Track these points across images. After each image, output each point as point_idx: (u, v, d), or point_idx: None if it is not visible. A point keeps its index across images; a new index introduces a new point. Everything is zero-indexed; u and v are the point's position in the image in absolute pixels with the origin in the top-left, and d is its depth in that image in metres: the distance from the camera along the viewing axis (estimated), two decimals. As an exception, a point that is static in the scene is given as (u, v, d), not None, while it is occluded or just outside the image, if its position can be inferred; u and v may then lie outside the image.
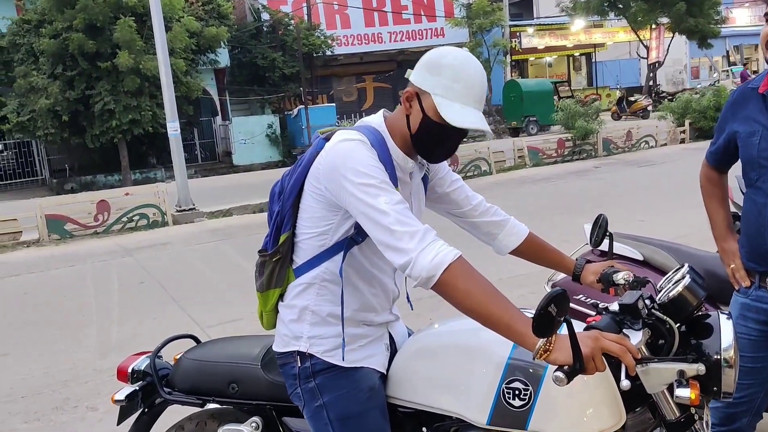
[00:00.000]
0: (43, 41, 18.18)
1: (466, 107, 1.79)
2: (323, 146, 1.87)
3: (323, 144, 1.88)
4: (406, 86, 1.89)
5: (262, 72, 24.91)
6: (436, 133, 1.84)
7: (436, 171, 2.14)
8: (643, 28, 29.70)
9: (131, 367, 2.41)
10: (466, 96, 1.80)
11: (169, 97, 12.54)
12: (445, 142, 1.87)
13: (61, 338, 5.96)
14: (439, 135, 1.85)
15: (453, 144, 1.90)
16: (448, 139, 1.86)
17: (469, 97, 1.80)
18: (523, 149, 16.46)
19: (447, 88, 1.79)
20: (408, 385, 1.99)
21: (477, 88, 1.82)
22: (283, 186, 1.97)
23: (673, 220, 8.32)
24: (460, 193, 2.20)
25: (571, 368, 1.47)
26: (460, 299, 1.64)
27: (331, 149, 1.82)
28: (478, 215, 2.22)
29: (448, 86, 1.79)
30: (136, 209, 12.00)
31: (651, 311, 1.73)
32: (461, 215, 2.23)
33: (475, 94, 1.81)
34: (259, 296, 2.06)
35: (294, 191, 1.92)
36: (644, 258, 3.36)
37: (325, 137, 1.91)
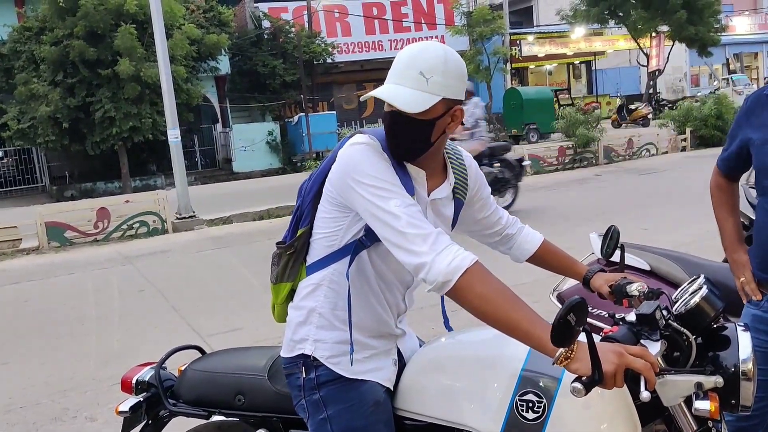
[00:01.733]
0: (44, 48, 18.20)
1: (387, 83, 1.77)
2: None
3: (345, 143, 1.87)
4: None
5: (263, 79, 24.93)
6: (384, 124, 1.82)
7: (480, 195, 2.13)
8: (643, 36, 29.75)
9: (135, 378, 2.37)
10: (390, 76, 1.78)
11: (169, 104, 12.52)
12: (387, 131, 1.81)
13: (60, 347, 5.92)
14: (386, 126, 1.82)
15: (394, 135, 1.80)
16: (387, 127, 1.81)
17: (390, 74, 1.78)
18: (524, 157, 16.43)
19: (389, 76, 1.79)
20: (417, 397, 1.95)
21: (399, 65, 1.77)
22: (309, 182, 1.98)
23: (676, 229, 8.29)
24: (495, 215, 2.21)
25: (589, 379, 1.43)
26: (478, 304, 1.60)
27: (342, 154, 1.81)
28: (502, 230, 2.23)
29: (391, 74, 1.79)
30: (136, 217, 11.95)
31: (668, 322, 1.70)
32: (491, 235, 2.23)
33: (394, 70, 1.77)
34: (272, 288, 2.05)
35: (314, 188, 1.92)
36: (651, 268, 3.33)
37: (349, 136, 1.90)
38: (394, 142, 1.81)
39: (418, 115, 1.74)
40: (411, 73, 1.73)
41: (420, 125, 1.78)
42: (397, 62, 1.77)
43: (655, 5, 27.43)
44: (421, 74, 1.73)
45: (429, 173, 1.91)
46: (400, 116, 1.76)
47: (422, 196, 1.90)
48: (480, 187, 2.12)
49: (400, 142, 1.81)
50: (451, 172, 1.99)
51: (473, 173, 2.09)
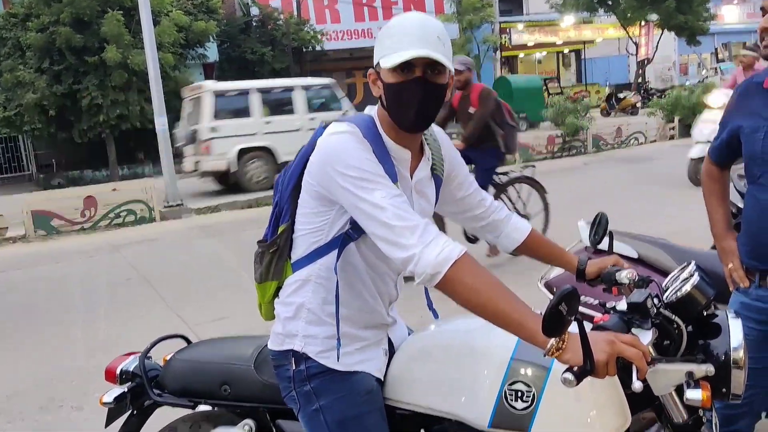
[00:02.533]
0: (30, 35, 17.97)
1: (406, 51, 1.68)
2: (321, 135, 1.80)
3: (321, 133, 1.81)
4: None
5: (252, 67, 24.75)
6: (397, 94, 1.74)
7: (456, 174, 2.07)
8: (632, 25, 29.74)
9: (119, 368, 2.34)
10: (403, 42, 1.69)
11: (157, 92, 12.43)
12: (410, 101, 1.73)
13: (46, 337, 5.87)
14: (401, 95, 1.74)
15: (424, 103, 1.74)
16: (412, 97, 1.73)
17: (404, 42, 1.69)
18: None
19: (385, 48, 1.73)
20: (407, 386, 1.93)
21: (413, 30, 1.70)
22: (284, 176, 1.93)
23: (664, 217, 8.30)
24: (476, 196, 2.14)
25: (581, 369, 1.41)
26: (468, 296, 1.58)
27: (321, 144, 1.75)
28: (488, 216, 2.17)
29: (386, 46, 1.73)
30: (124, 205, 11.87)
31: (659, 311, 1.68)
32: (473, 218, 2.17)
33: (411, 37, 1.69)
34: (258, 287, 2.01)
35: (291, 182, 1.87)
36: (639, 255, 3.33)
37: (325, 125, 1.84)
38: (419, 111, 1.75)
39: (439, 79, 1.74)
40: (431, 38, 1.70)
41: (441, 91, 1.77)
42: (409, 29, 1.71)
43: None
44: (438, 39, 1.71)
45: (412, 153, 1.87)
46: (426, 82, 1.72)
47: (406, 179, 1.86)
48: (456, 164, 2.07)
49: (425, 110, 1.76)
50: (428, 149, 1.95)
51: (447, 148, 2.04)
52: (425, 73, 1.72)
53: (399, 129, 1.80)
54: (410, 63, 1.70)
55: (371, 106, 1.90)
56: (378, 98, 1.83)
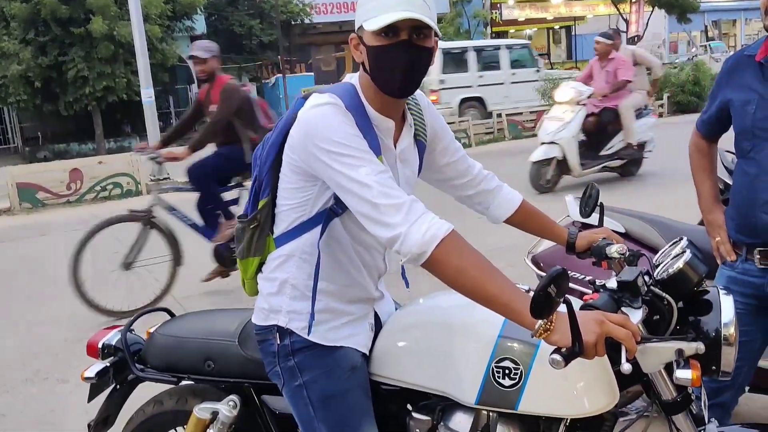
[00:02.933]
0: (14, 6, 17.72)
1: (391, 13, 1.61)
2: (301, 107, 1.74)
3: (301, 105, 1.74)
4: None
5: (239, 40, 24.56)
6: (382, 58, 1.67)
7: (439, 139, 2.01)
8: (623, 2, 29.62)
9: (101, 342, 2.28)
10: (387, 4, 1.61)
11: (143, 64, 12.31)
12: (396, 65, 1.66)
13: (31, 310, 5.84)
14: (385, 59, 1.67)
15: (411, 67, 1.68)
16: (397, 61, 1.66)
17: (390, 4, 1.61)
18: (502, 122, 16.37)
19: (370, 10, 1.64)
20: (393, 362, 1.91)
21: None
22: (262, 150, 1.87)
23: (652, 193, 8.31)
24: (462, 164, 2.07)
25: (569, 351, 1.39)
26: (455, 277, 1.55)
27: (302, 117, 1.69)
28: (476, 185, 2.10)
29: (370, 8, 1.64)
30: (110, 178, 11.77)
31: (649, 288, 1.66)
32: (460, 187, 2.10)
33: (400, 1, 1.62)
34: (240, 263, 1.97)
35: (271, 156, 1.81)
36: (626, 230, 3.31)
37: (304, 97, 1.78)
38: (404, 75, 1.68)
39: (425, 42, 1.67)
40: (417, 1, 1.63)
41: (428, 54, 1.70)
42: None
43: (636, -30, 27.30)
44: (424, 2, 1.64)
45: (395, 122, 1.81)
46: (412, 46, 1.66)
47: (390, 148, 1.81)
48: (438, 128, 2.00)
49: (411, 74, 1.70)
50: (409, 115, 1.89)
51: (429, 113, 1.97)
52: (411, 37, 1.65)
53: (384, 95, 1.74)
54: (395, 26, 1.63)
55: (351, 74, 1.84)
56: (360, 64, 1.76)
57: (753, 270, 2.36)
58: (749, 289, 2.37)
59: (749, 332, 2.36)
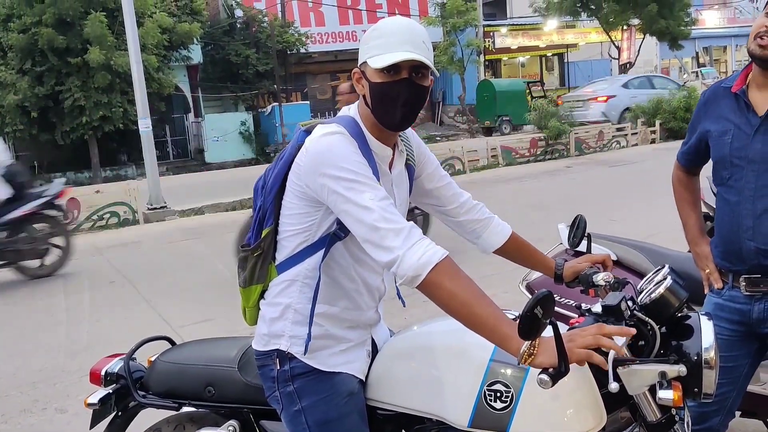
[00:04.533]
0: (12, 36, 17.86)
1: (395, 53, 1.75)
2: (304, 140, 1.83)
3: (304, 137, 1.84)
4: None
5: (236, 69, 24.72)
6: (383, 93, 1.80)
7: (425, 166, 2.12)
8: (614, 29, 29.93)
9: (104, 370, 2.35)
10: (391, 44, 1.76)
11: (140, 93, 12.37)
12: (396, 100, 1.79)
13: (30, 338, 5.85)
14: (387, 95, 1.80)
15: (409, 103, 1.81)
16: (398, 97, 1.79)
17: (393, 44, 1.76)
18: (496, 148, 16.52)
19: (374, 48, 1.79)
20: (388, 387, 1.97)
21: (402, 34, 1.77)
22: (265, 180, 1.95)
23: (645, 220, 8.40)
24: (448, 190, 2.17)
25: (555, 371, 1.46)
26: (446, 300, 1.63)
27: (311, 146, 1.79)
28: (464, 213, 2.19)
29: (374, 46, 1.79)
30: (107, 207, 11.79)
31: (633, 313, 1.73)
32: (448, 213, 2.20)
33: (399, 39, 1.76)
34: (242, 291, 2.02)
35: (275, 186, 1.89)
36: (618, 258, 3.38)
37: (305, 130, 1.88)
38: (404, 110, 1.82)
39: (423, 81, 1.82)
40: (418, 41, 1.77)
41: (425, 92, 1.84)
42: (398, 32, 1.77)
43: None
44: (424, 43, 1.79)
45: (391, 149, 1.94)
46: (412, 84, 1.79)
47: (386, 174, 1.92)
48: (423, 155, 2.11)
49: (410, 109, 1.83)
50: (400, 142, 2.00)
51: (415, 141, 2.10)
52: (411, 75, 1.79)
53: (383, 127, 1.86)
54: (397, 65, 1.76)
55: (347, 107, 1.95)
56: (362, 97, 1.87)
57: (739, 297, 2.41)
58: (736, 316, 2.42)
59: (737, 357, 2.42)
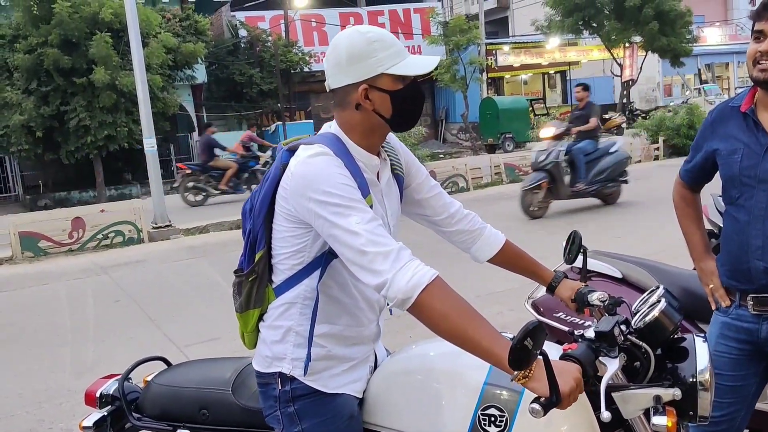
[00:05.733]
0: (18, 56, 17.99)
1: (414, 59, 1.84)
2: (288, 159, 1.82)
3: (288, 157, 1.83)
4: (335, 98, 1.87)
5: (240, 88, 24.88)
6: (408, 98, 1.85)
7: (414, 176, 2.11)
8: (616, 47, 30.09)
9: (99, 391, 2.35)
10: (401, 51, 1.83)
11: (145, 113, 12.44)
12: (416, 104, 1.89)
13: (34, 359, 5.85)
14: (410, 99, 1.86)
15: (419, 106, 1.91)
16: (414, 102, 1.88)
17: (402, 51, 1.84)
18: (499, 166, 16.53)
19: (389, 56, 1.80)
20: (383, 409, 1.96)
21: (397, 41, 1.86)
22: (252, 203, 1.93)
23: (649, 236, 8.38)
24: (438, 200, 2.16)
25: (547, 401, 1.46)
26: (437, 322, 1.62)
27: (296, 169, 1.77)
28: (455, 223, 2.18)
29: (386, 57, 1.79)
30: (112, 226, 11.83)
31: (626, 337, 1.73)
32: (439, 223, 2.18)
33: (401, 47, 1.85)
34: (239, 317, 2.00)
35: (263, 208, 1.88)
36: (623, 275, 3.37)
37: (288, 149, 1.86)
38: (415, 113, 1.90)
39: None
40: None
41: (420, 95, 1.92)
42: (395, 42, 1.83)
43: (627, 16, 27.78)
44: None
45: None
46: (411, 89, 1.85)
47: (376, 184, 1.91)
48: (412, 165, 2.11)
49: (414, 115, 1.90)
50: (383, 151, 1.99)
51: (402, 151, 2.09)
52: (415, 79, 1.86)
53: (372, 136, 1.88)
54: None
55: (327, 123, 1.94)
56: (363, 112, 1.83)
57: (746, 316, 2.40)
58: (743, 335, 2.41)
59: (745, 376, 2.41)
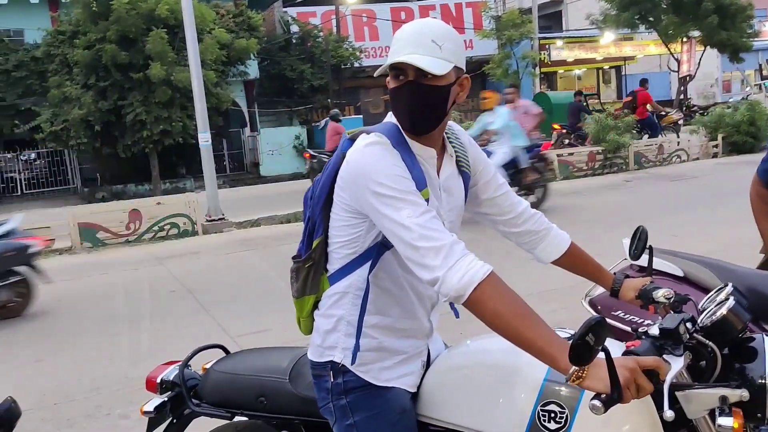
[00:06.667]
0: (77, 52, 18.45)
1: (393, 58, 1.75)
2: (348, 148, 1.83)
3: (349, 146, 1.83)
4: None
5: (291, 83, 25.08)
6: (393, 98, 1.80)
7: (481, 174, 2.07)
8: (674, 42, 29.37)
9: (160, 378, 2.40)
10: (396, 49, 1.75)
11: (200, 108, 12.65)
12: (403, 104, 1.78)
13: (93, 346, 6.02)
14: (394, 100, 1.80)
15: (417, 106, 1.77)
16: (403, 101, 1.78)
17: (398, 48, 1.75)
18: (553, 162, 16.34)
19: (395, 51, 1.76)
20: (440, 403, 1.95)
21: (408, 36, 1.75)
22: (313, 191, 1.96)
23: (707, 236, 8.17)
24: (505, 199, 2.11)
25: (608, 397, 1.43)
26: (490, 320, 1.61)
27: (352, 158, 1.78)
28: (522, 223, 2.13)
29: (395, 49, 1.76)
30: (168, 218, 12.07)
31: (692, 335, 1.68)
32: (504, 223, 2.14)
33: (404, 42, 1.74)
34: (296, 302, 2.04)
35: (322, 196, 1.90)
36: (684, 274, 3.28)
37: (350, 138, 1.87)
38: (412, 114, 1.79)
39: (436, 81, 1.75)
40: (424, 41, 1.73)
41: (438, 92, 1.77)
42: (405, 34, 1.76)
43: (686, 10, 27.09)
44: (433, 42, 1.73)
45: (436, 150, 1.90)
46: (419, 86, 1.75)
47: (434, 178, 1.88)
48: (481, 163, 2.06)
49: (419, 112, 1.79)
50: (449, 145, 1.96)
51: (471, 148, 2.05)
52: (418, 77, 1.75)
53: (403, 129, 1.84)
54: (402, 68, 1.75)
55: (391, 112, 1.92)
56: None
57: None
58: None
59: None
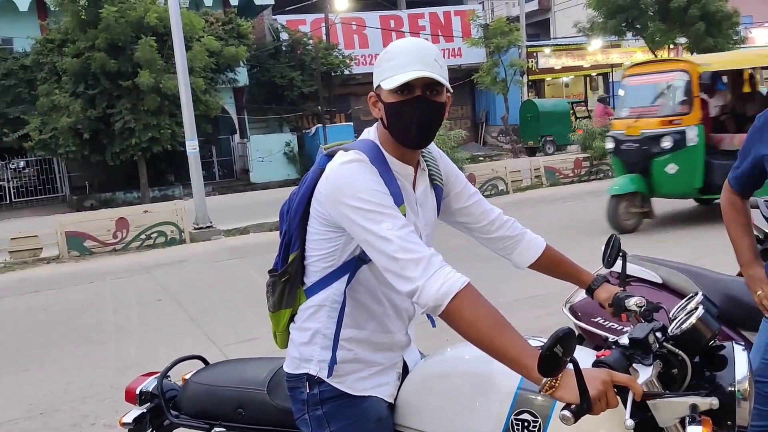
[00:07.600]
0: (66, 60, 18.43)
1: (405, 72, 1.77)
2: (326, 164, 1.85)
3: (326, 162, 1.86)
4: None
5: (281, 91, 25.09)
6: (398, 113, 1.82)
7: (453, 185, 2.11)
8: (660, 48, 29.53)
9: (139, 389, 2.41)
10: (402, 64, 1.78)
11: (188, 115, 12.65)
12: (411, 119, 1.81)
13: (80, 355, 6.01)
14: (401, 114, 1.82)
15: (425, 121, 1.82)
16: (412, 115, 1.80)
17: (404, 64, 1.78)
18: (539, 169, 16.42)
19: (386, 70, 1.80)
20: (417, 412, 1.97)
21: (411, 53, 1.79)
22: (290, 205, 1.97)
23: (690, 242, 8.25)
24: (477, 207, 2.15)
25: (578, 408, 1.45)
26: (466, 330, 1.63)
27: (331, 174, 1.80)
28: (495, 229, 2.17)
29: (387, 68, 1.80)
30: (155, 227, 12.07)
31: (662, 344, 1.70)
32: (478, 230, 2.18)
33: (409, 58, 1.78)
34: (271, 316, 2.05)
35: (299, 210, 1.91)
36: (663, 281, 3.32)
37: (327, 154, 1.89)
38: (420, 128, 1.83)
39: (438, 97, 1.82)
40: (429, 60, 1.79)
41: (441, 108, 1.85)
42: (409, 51, 1.79)
43: (672, 17, 27.23)
44: (435, 61, 1.80)
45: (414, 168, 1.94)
46: (426, 101, 1.80)
47: (410, 193, 1.92)
48: (451, 175, 2.11)
49: (427, 127, 1.84)
50: (422, 161, 2.00)
51: (443, 161, 2.10)
52: (424, 93, 1.80)
53: (401, 147, 1.87)
54: (410, 84, 1.78)
55: (368, 129, 1.96)
56: (379, 119, 1.90)
57: None
58: None
59: None
